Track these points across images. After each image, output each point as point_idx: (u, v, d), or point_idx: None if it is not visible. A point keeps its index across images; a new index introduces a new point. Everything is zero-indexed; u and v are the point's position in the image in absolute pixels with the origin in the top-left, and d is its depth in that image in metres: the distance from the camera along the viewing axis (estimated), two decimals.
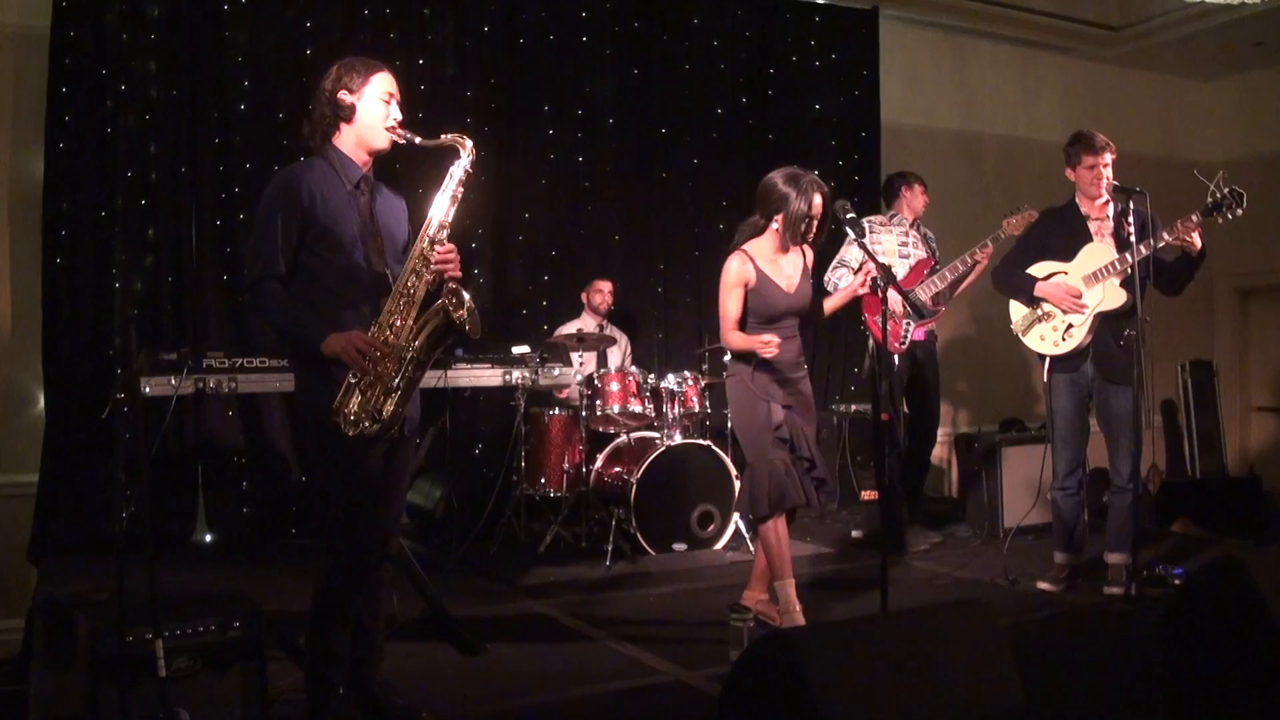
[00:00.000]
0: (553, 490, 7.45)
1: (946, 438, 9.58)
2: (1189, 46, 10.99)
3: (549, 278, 8.66)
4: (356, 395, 3.69)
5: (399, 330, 3.75)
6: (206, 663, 3.72)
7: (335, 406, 3.68)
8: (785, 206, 5.14)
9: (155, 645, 3.55)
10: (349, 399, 3.69)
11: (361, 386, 3.69)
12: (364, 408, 3.69)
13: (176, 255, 7.41)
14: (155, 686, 3.55)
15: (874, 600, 4.73)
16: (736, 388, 5.33)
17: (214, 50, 7.51)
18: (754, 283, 5.21)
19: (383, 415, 3.70)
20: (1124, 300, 5.85)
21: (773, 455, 5.15)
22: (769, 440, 5.17)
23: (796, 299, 5.29)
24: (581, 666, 4.90)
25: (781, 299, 5.24)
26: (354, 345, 3.64)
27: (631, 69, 8.96)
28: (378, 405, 3.70)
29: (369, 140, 3.91)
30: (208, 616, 3.78)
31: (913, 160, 8.15)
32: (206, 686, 3.71)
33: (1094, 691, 4.55)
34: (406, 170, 7.28)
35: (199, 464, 7.18)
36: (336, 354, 3.64)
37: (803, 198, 5.12)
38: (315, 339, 3.68)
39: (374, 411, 3.69)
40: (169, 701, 3.56)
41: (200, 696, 3.67)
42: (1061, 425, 6.15)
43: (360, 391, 3.69)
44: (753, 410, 5.23)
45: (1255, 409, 12.24)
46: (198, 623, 3.73)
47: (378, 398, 3.70)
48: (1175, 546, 7.31)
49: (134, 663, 3.54)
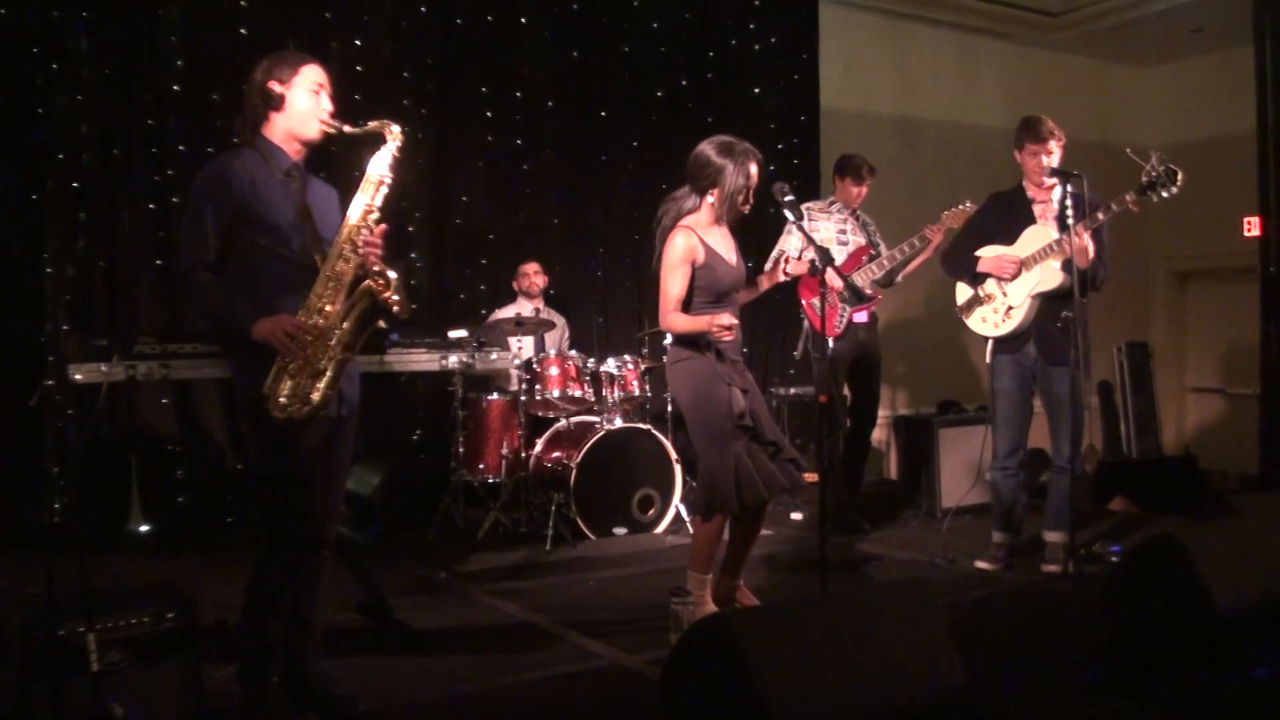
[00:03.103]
0: (491, 476, 7.40)
1: (886, 420, 9.63)
2: (1128, 33, 11.10)
3: (486, 261, 8.61)
4: (287, 379, 3.69)
5: (328, 314, 3.75)
6: (140, 656, 3.66)
7: (265, 391, 3.67)
8: (721, 179, 4.91)
9: (88, 639, 3.50)
10: (279, 383, 3.68)
11: (291, 370, 3.69)
12: (294, 391, 3.68)
13: (108, 239, 7.26)
14: (89, 681, 3.49)
15: (814, 582, 4.72)
16: (692, 372, 4.95)
17: (148, 29, 7.35)
18: (702, 259, 4.92)
19: (311, 398, 3.70)
20: (1061, 281, 5.91)
21: (731, 449, 4.86)
22: (730, 430, 4.88)
23: (739, 273, 5.06)
24: (521, 652, 4.87)
25: (729, 273, 4.99)
26: (282, 328, 3.63)
27: (570, 51, 8.90)
28: (307, 389, 3.69)
29: (299, 130, 3.92)
30: (141, 608, 3.72)
31: (851, 145, 8.14)
32: (140, 680, 3.65)
33: (1032, 668, 4.57)
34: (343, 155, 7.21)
35: (132, 453, 7.07)
36: (265, 338, 3.63)
37: (740, 169, 4.91)
38: (245, 324, 3.67)
39: (304, 395, 3.69)
40: (103, 696, 3.51)
41: (134, 690, 3.61)
42: (1003, 406, 6.22)
43: (290, 376, 3.69)
44: (714, 397, 4.88)
45: (1191, 390, 12.43)
46: (130, 615, 3.67)
47: (306, 381, 3.70)
48: (1112, 525, 7.40)
49: (67, 657, 3.48)
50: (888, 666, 3.39)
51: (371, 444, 7.38)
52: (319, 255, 3.85)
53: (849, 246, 7.31)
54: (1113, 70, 12.31)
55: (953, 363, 10.32)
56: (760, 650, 3.17)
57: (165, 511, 7.21)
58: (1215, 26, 10.62)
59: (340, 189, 4.15)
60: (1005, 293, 6.10)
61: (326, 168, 6.46)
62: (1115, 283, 6.36)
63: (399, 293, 3.78)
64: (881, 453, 10.09)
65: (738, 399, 4.90)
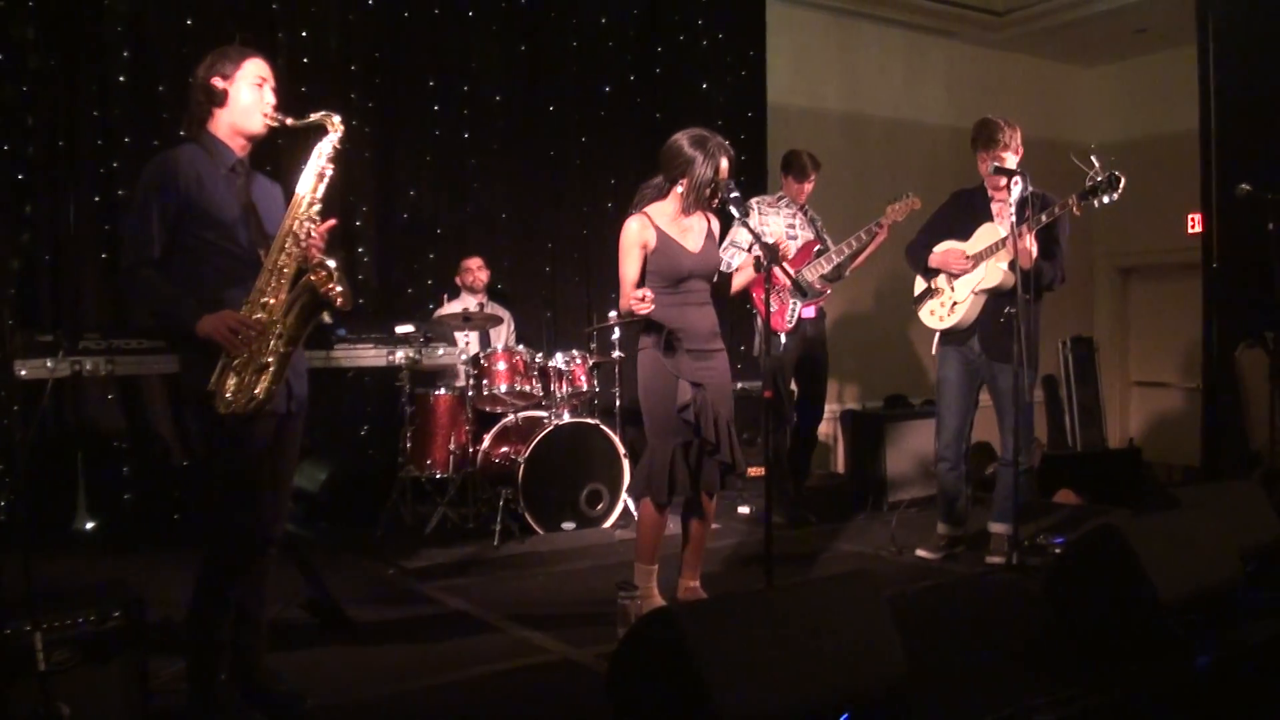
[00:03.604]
0: (439, 471, 7.38)
1: (833, 414, 9.69)
2: (1072, 32, 11.22)
3: (434, 256, 8.56)
4: (231, 375, 3.69)
5: (271, 308, 3.75)
6: (87, 655, 3.63)
7: (210, 388, 3.66)
8: (690, 170, 4.97)
9: (34, 639, 3.48)
10: (224, 379, 3.68)
11: (235, 367, 3.69)
12: (239, 387, 3.68)
13: (54, 232, 7.15)
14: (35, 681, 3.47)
15: (760, 575, 4.77)
16: (644, 362, 5.08)
17: (94, 19, 7.24)
18: (654, 244, 5.00)
19: (256, 394, 3.70)
20: (1004, 279, 5.99)
21: (673, 440, 4.98)
22: (673, 423, 4.98)
23: (703, 260, 5.08)
24: (469, 648, 4.86)
25: (686, 258, 5.02)
26: (225, 324, 3.63)
27: (518, 45, 8.87)
28: (252, 384, 3.69)
29: (243, 125, 3.93)
30: (87, 607, 3.69)
31: (799, 141, 8.17)
32: (87, 679, 3.62)
33: (976, 657, 4.62)
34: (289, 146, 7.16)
35: (78, 449, 6.98)
36: (209, 335, 3.63)
37: (709, 162, 4.98)
38: (189, 322, 3.67)
39: (249, 390, 3.69)
40: (50, 696, 3.49)
41: (81, 690, 3.58)
42: (947, 393, 6.31)
43: (235, 372, 3.69)
44: (660, 387, 4.99)
45: (1135, 383, 12.60)
46: (77, 614, 3.64)
47: (251, 376, 3.70)
48: (1056, 516, 7.48)
49: (13, 657, 3.46)
50: (832, 657, 3.42)
51: (318, 440, 7.36)
52: (264, 250, 3.85)
53: (797, 241, 7.35)
54: (1058, 69, 12.44)
55: (900, 357, 10.40)
56: (705, 643, 3.19)
57: (111, 508, 7.12)
58: (1159, 27, 10.75)
59: (286, 182, 4.15)
60: (952, 288, 6.18)
61: (272, 161, 6.43)
62: None
63: (341, 284, 3.77)
64: (829, 446, 10.15)
65: (683, 391, 4.95)
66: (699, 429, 4.99)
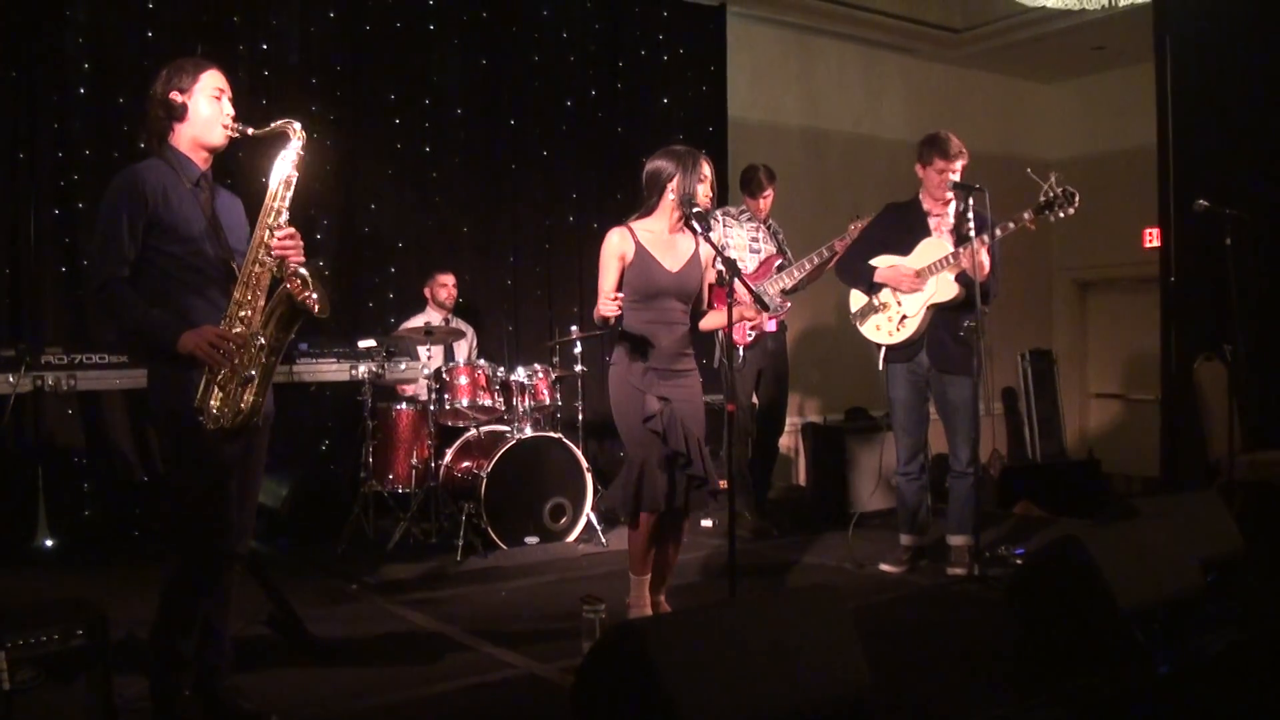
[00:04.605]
0: (401, 486, 7.36)
1: (794, 427, 9.73)
2: (1030, 49, 11.30)
3: (395, 269, 8.53)
4: (216, 390, 3.69)
5: (249, 320, 3.76)
6: (50, 674, 3.61)
7: (197, 405, 3.67)
8: (676, 174, 4.99)
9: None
10: (209, 395, 3.69)
11: (220, 382, 3.69)
12: (225, 402, 3.69)
13: (13, 246, 7.07)
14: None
15: (724, 588, 4.78)
16: (613, 377, 5.13)
17: (53, 30, 7.20)
18: (631, 258, 5.01)
19: (241, 407, 3.71)
20: (955, 293, 6.06)
21: (651, 452, 4.96)
22: (642, 436, 4.98)
23: (679, 281, 5.07)
24: (433, 664, 4.85)
25: (662, 276, 5.03)
26: (207, 340, 3.63)
27: (480, 59, 8.86)
28: (237, 397, 3.70)
29: (204, 137, 3.93)
30: (49, 625, 3.67)
31: (759, 155, 8.20)
32: (52, 698, 3.59)
33: (939, 668, 4.65)
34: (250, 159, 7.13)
35: (38, 465, 6.91)
36: (191, 351, 3.63)
37: (694, 171, 5.00)
38: (169, 339, 3.66)
39: (234, 404, 3.70)
40: (14, 715, 3.46)
41: (45, 709, 3.56)
42: (901, 414, 6.36)
43: (220, 387, 3.69)
44: (627, 400, 5.02)
45: (1094, 395, 12.70)
46: (39, 632, 3.62)
47: (235, 389, 3.70)
48: (1016, 528, 7.56)
49: None
50: (797, 670, 3.44)
51: (280, 454, 7.32)
52: (234, 264, 3.86)
53: (760, 254, 7.39)
54: (1016, 85, 12.54)
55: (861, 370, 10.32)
56: (670, 656, 3.20)
57: (71, 526, 7.05)
58: (1116, 44, 10.84)
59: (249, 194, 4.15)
60: (900, 302, 6.22)
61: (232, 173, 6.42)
62: (1019, 292, 6.53)
63: (317, 290, 3.80)
64: (790, 459, 10.18)
65: (650, 403, 4.96)
66: (666, 439, 4.96)
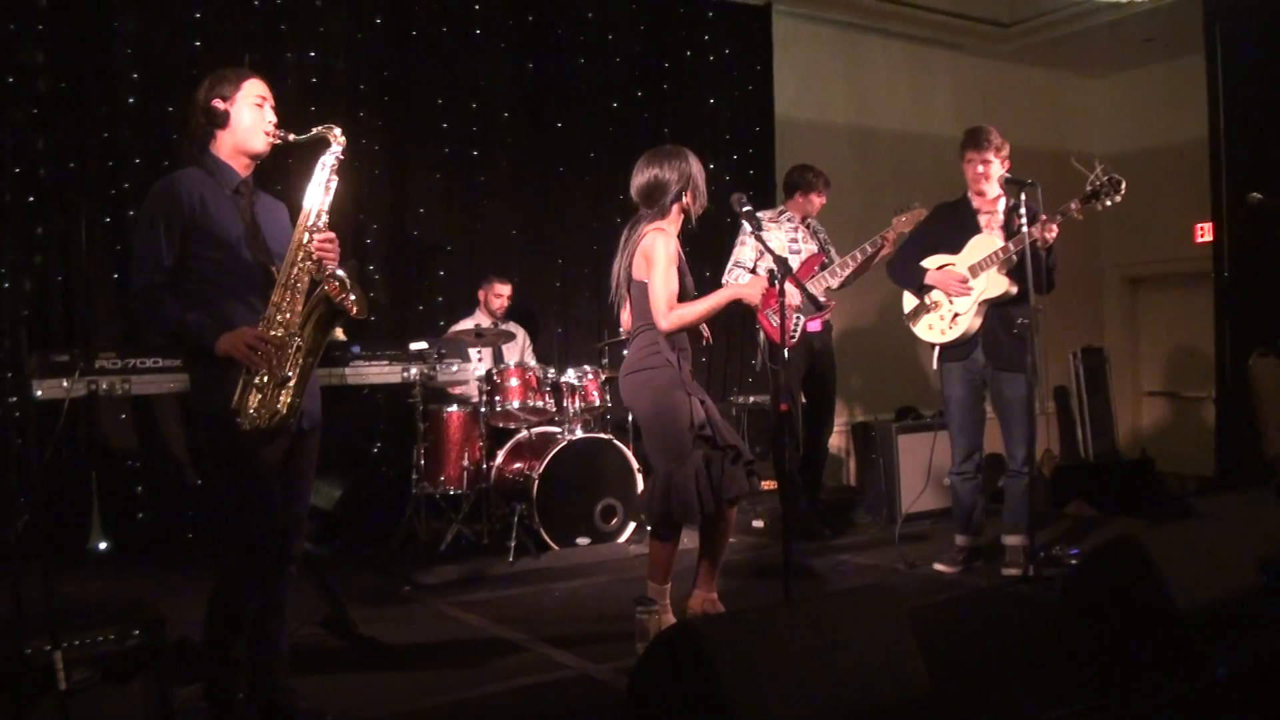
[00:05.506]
0: (453, 488, 7.38)
1: (844, 427, 9.69)
2: (1079, 43, 11.18)
3: (444, 273, 8.58)
4: (254, 392, 3.71)
5: (287, 322, 3.78)
6: (107, 674, 3.64)
7: (235, 405, 3.69)
8: (689, 178, 4.97)
9: (54, 658, 3.48)
10: (247, 397, 3.71)
11: (257, 383, 3.71)
12: (263, 404, 3.71)
13: (66, 253, 7.18)
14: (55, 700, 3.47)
15: (777, 588, 4.75)
16: (652, 384, 4.92)
17: (103, 41, 7.28)
18: (680, 263, 4.97)
19: (279, 408, 3.72)
20: (1006, 288, 6.00)
21: (691, 460, 4.87)
22: (690, 441, 4.88)
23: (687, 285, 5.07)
24: (487, 664, 4.87)
25: (687, 280, 5.04)
26: (244, 341, 3.67)
27: (526, 62, 8.89)
28: (275, 398, 3.72)
29: (247, 144, 3.97)
30: (106, 626, 3.70)
31: (806, 155, 8.17)
32: (108, 698, 3.63)
33: (996, 671, 4.61)
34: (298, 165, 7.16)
35: (93, 469, 6.99)
36: (228, 353, 3.66)
37: (696, 168, 5.00)
38: (207, 341, 3.71)
39: (271, 405, 3.72)
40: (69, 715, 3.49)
41: (101, 709, 3.59)
42: (956, 412, 6.31)
43: (257, 389, 3.71)
44: (679, 406, 4.86)
45: (1146, 394, 12.56)
46: (96, 633, 3.65)
47: (273, 391, 3.72)
48: (1070, 527, 7.48)
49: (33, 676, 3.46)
50: (853, 672, 3.42)
51: (333, 457, 7.36)
52: (273, 267, 3.88)
53: (800, 255, 7.35)
54: (1065, 80, 12.41)
55: (909, 369, 10.36)
56: (726, 657, 3.19)
57: (125, 528, 7.14)
58: (1166, 36, 10.72)
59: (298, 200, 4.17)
60: (951, 300, 6.18)
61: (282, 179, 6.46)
62: (1069, 289, 6.45)
63: (355, 292, 3.82)
64: (841, 460, 10.14)
65: (698, 409, 4.92)
66: (716, 442, 4.94)
